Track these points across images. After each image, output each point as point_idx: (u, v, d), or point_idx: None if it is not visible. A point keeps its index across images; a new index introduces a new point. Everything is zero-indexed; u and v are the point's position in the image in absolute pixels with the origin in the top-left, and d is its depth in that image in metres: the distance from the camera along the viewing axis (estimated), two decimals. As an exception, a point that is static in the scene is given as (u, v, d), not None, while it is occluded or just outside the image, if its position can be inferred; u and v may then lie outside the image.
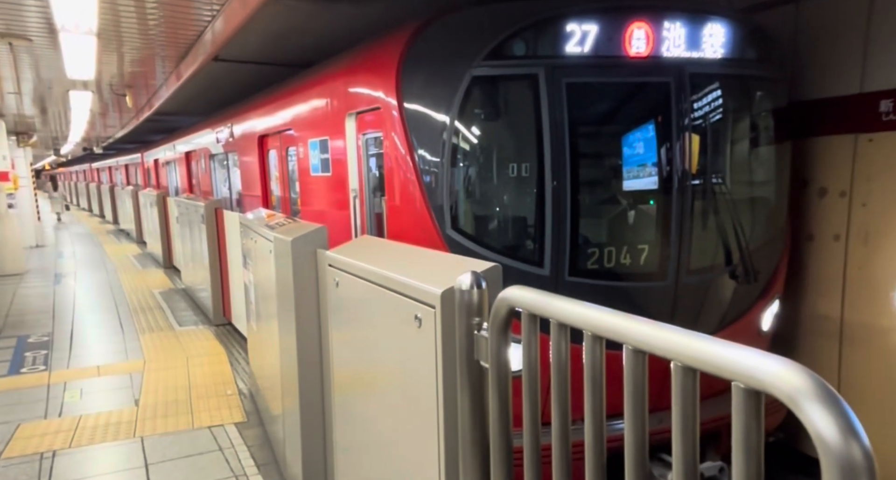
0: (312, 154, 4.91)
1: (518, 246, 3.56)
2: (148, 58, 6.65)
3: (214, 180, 9.23)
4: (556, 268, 3.38)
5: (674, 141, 3.50)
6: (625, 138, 3.55)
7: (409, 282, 2.15)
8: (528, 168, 3.41)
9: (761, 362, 0.92)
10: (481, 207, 3.63)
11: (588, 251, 3.47)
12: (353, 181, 4.29)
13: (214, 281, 8.12)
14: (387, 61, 3.67)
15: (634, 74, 3.50)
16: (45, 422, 4.93)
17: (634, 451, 1.23)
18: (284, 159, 5.88)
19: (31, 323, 8.27)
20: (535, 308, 1.50)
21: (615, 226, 3.63)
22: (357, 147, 4.23)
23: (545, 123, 3.33)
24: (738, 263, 3.76)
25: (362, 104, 4.00)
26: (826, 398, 0.83)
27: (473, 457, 1.82)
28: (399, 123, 3.50)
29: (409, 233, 3.50)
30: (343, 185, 4.39)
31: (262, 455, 4.29)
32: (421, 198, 3.42)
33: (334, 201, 4.61)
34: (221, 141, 8.21)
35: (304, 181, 5.27)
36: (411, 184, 3.46)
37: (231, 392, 5.54)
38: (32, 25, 5.31)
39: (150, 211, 13.68)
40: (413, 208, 3.47)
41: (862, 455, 0.79)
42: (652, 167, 3.53)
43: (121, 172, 21.53)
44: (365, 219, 4.23)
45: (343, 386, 3.00)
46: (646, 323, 1.18)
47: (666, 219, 3.55)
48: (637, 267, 3.54)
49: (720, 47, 3.58)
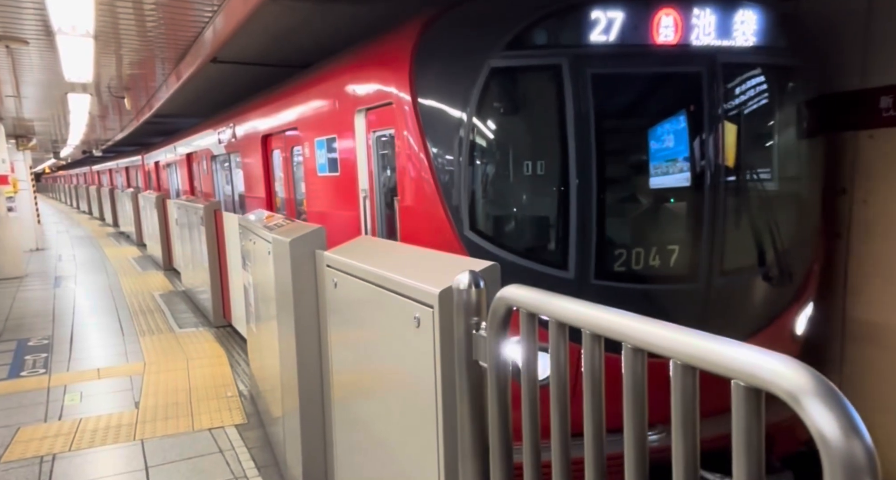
0: (319, 153, 4.73)
1: (540, 247, 3.36)
2: (146, 60, 6.64)
3: (216, 182, 9.05)
4: (581, 271, 3.19)
5: (706, 135, 3.31)
6: (654, 132, 3.35)
7: (407, 282, 2.14)
8: (550, 165, 3.23)
9: (761, 359, 0.91)
10: (501, 207, 3.43)
11: (615, 252, 3.27)
12: (363, 181, 4.10)
13: (214, 283, 8.12)
14: (398, 54, 3.48)
15: (663, 64, 3.30)
16: (45, 425, 4.92)
17: (635, 454, 1.21)
18: (289, 159, 5.70)
19: (30, 326, 8.27)
20: (534, 307, 1.49)
21: (643, 225, 3.42)
22: (367, 145, 4.03)
23: (569, 117, 3.13)
24: (773, 264, 3.56)
25: (372, 100, 3.81)
26: (827, 395, 0.82)
27: (473, 457, 1.81)
28: (412, 119, 3.30)
29: (424, 234, 3.34)
30: (352, 185, 4.21)
31: (262, 456, 4.28)
32: (436, 198, 3.23)
33: (343, 202, 4.43)
34: (223, 142, 8.03)
35: (310, 182, 5.07)
36: (426, 184, 3.29)
37: (231, 394, 5.53)
38: (29, 28, 5.30)
39: (150, 213, 13.68)
40: (428, 208, 3.30)
41: (864, 454, 0.78)
42: (683, 162, 3.34)
43: (121, 175, 21.40)
44: (376, 220, 4.04)
45: (343, 387, 2.99)
46: (644, 321, 1.16)
47: (697, 218, 3.35)
48: (666, 268, 3.33)
49: (752, 35, 3.37)
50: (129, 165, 18.90)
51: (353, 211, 4.26)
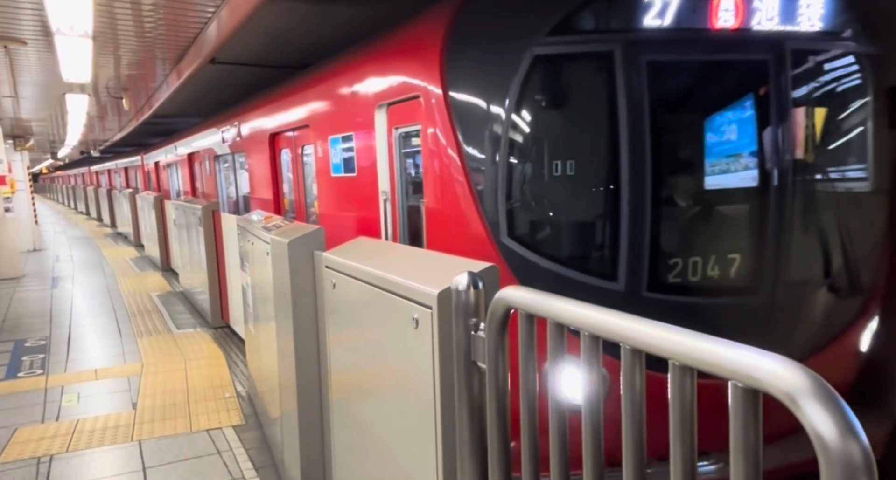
0: (333, 152, 4.41)
1: (586, 256, 3.06)
2: (144, 60, 6.64)
3: (220, 183, 8.69)
4: (633, 282, 2.88)
5: (772, 131, 2.99)
6: (716, 128, 3.03)
7: (405, 283, 2.14)
8: (599, 164, 2.94)
9: (759, 360, 0.91)
10: (542, 211, 3.08)
11: (670, 262, 2.93)
12: (384, 182, 3.78)
13: (212, 284, 8.11)
14: (427, 42, 3.17)
15: (725, 51, 2.99)
16: (43, 426, 4.91)
17: (633, 457, 1.22)
18: (299, 159, 5.38)
19: (28, 327, 8.25)
20: (532, 307, 1.49)
21: (702, 231, 3.09)
22: (388, 143, 3.71)
23: (621, 110, 2.81)
24: (841, 274, 3.23)
25: (395, 94, 3.49)
26: (824, 397, 0.83)
27: (471, 458, 1.81)
28: (443, 114, 2.99)
29: (455, 240, 3.04)
30: (371, 187, 3.89)
31: (260, 457, 4.27)
32: (470, 201, 2.92)
33: (360, 204, 4.10)
34: (227, 141, 7.69)
35: (322, 183, 4.73)
36: (458, 185, 2.97)
37: (229, 394, 5.52)
38: (27, 28, 5.30)
39: (148, 214, 13.66)
40: (460, 212, 2.99)
41: (861, 455, 0.79)
42: (748, 160, 3.02)
43: (120, 175, 21.25)
44: (397, 224, 3.72)
45: (341, 388, 2.99)
46: (642, 322, 1.17)
47: (762, 222, 3.02)
48: (726, 280, 3.01)
49: (819, 20, 3.03)
50: (129, 166, 18.77)
51: (371, 214, 3.95)
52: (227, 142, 7.73)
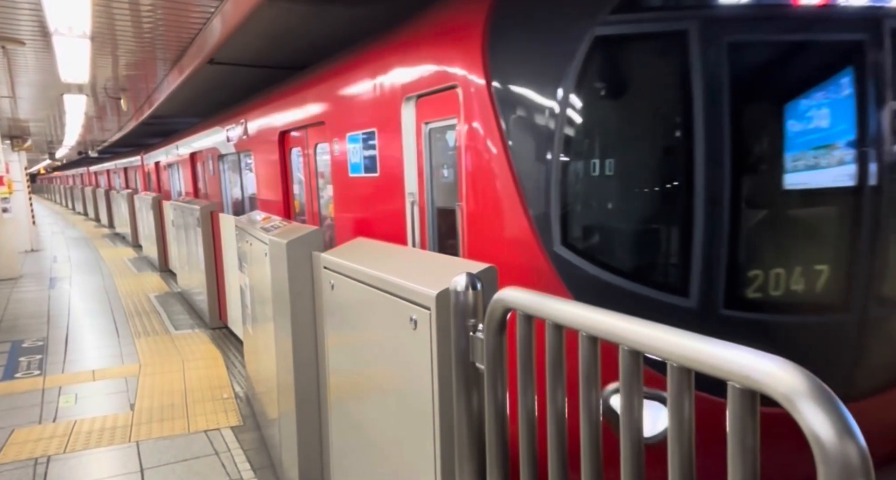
0: (352, 150, 4.07)
1: (653, 267, 2.69)
2: (142, 61, 6.63)
3: (224, 184, 8.29)
4: (707, 298, 2.51)
5: (871, 123, 2.60)
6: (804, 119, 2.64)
7: (403, 284, 2.14)
8: (669, 161, 2.60)
9: (756, 361, 0.92)
10: (602, 215, 2.72)
11: (749, 274, 2.57)
12: (411, 183, 3.44)
13: (210, 285, 8.11)
14: (467, 24, 2.84)
15: (814, 30, 2.61)
16: (40, 427, 4.90)
17: (631, 458, 1.22)
18: (312, 158, 5.06)
19: (25, 327, 8.24)
20: (531, 309, 1.49)
21: (787, 238, 2.69)
22: (417, 139, 3.38)
23: (697, 100, 2.45)
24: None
25: (427, 85, 3.15)
26: (822, 397, 0.83)
27: (469, 459, 1.81)
28: (486, 106, 2.66)
29: (498, 248, 2.71)
30: (396, 188, 3.56)
31: (258, 458, 4.27)
32: (517, 204, 2.58)
33: (382, 208, 3.75)
34: (233, 139, 7.31)
35: (339, 183, 4.36)
36: (502, 186, 2.63)
37: (227, 395, 5.51)
38: (25, 28, 5.30)
39: (146, 214, 13.64)
40: (504, 217, 2.66)
41: (858, 456, 0.79)
42: (844, 155, 2.65)
43: (119, 176, 21.09)
44: (426, 229, 3.39)
45: (339, 388, 2.99)
46: (640, 323, 1.17)
47: (856, 229, 2.64)
48: (812, 295, 2.64)
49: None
50: (128, 166, 18.63)
51: (395, 218, 3.59)
52: (233, 141, 7.39)
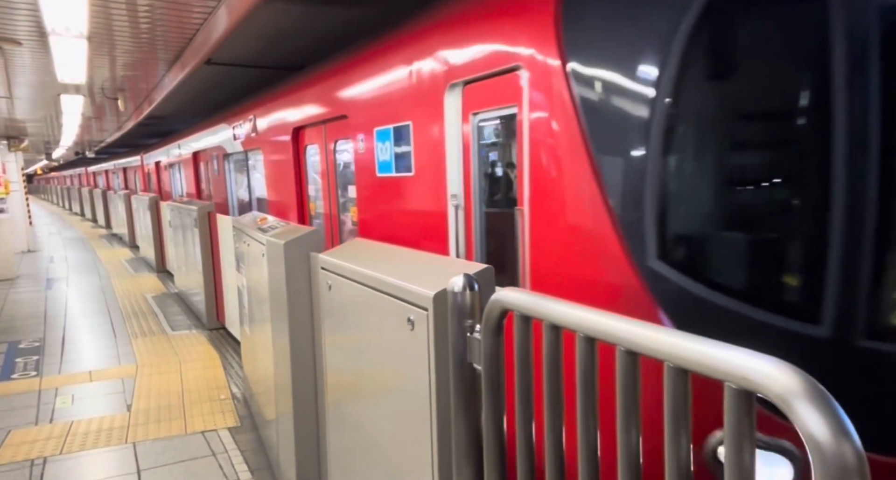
0: (381, 147, 3.68)
1: (774, 286, 2.20)
2: (140, 61, 6.62)
3: (230, 185, 7.84)
4: (843, 326, 2.03)
5: None
6: None
7: (401, 285, 2.14)
8: (801, 154, 2.11)
9: (752, 362, 0.92)
10: (711, 222, 2.24)
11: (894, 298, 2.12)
12: (455, 183, 3.05)
13: (208, 285, 8.10)
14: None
15: None
16: (36, 428, 4.89)
17: (627, 459, 1.22)
18: (331, 156, 4.63)
19: (21, 328, 8.21)
20: (528, 309, 1.49)
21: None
22: (463, 133, 2.97)
23: (837, 77, 1.95)
24: None
25: (478, 68, 2.75)
26: (817, 398, 0.83)
27: (467, 460, 1.81)
28: (561, 90, 2.25)
29: (572, 262, 2.28)
30: (434, 189, 3.16)
31: (255, 459, 4.26)
32: (600, 208, 2.14)
33: (417, 212, 3.34)
34: (240, 137, 6.85)
35: (363, 184, 3.94)
36: (581, 187, 2.21)
37: (224, 396, 5.50)
38: (22, 28, 5.28)
39: (143, 215, 13.62)
40: (582, 224, 2.24)
41: (854, 456, 0.79)
42: None
43: (118, 176, 20.90)
44: (472, 238, 2.97)
45: (337, 389, 2.99)
46: (637, 324, 1.17)
47: None
48: None
49: None
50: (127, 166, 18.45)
51: (433, 223, 3.19)
52: (240, 139, 6.92)
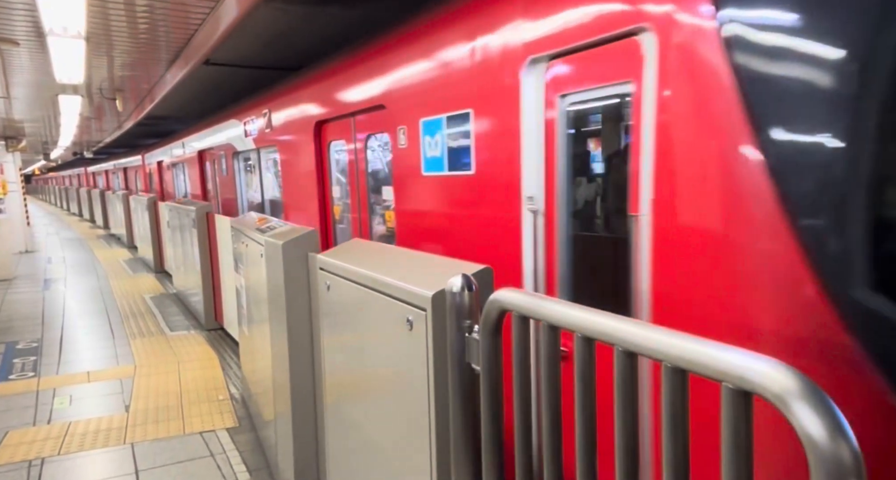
0: (429, 142, 3.20)
1: None
2: (138, 62, 6.62)
3: (239, 185, 7.35)
4: None
5: None
6: None
7: (399, 285, 2.14)
8: None
9: (750, 362, 0.92)
10: None
11: None
12: (532, 183, 2.50)
13: (206, 286, 8.09)
14: None
15: None
16: (34, 429, 4.88)
17: (624, 455, 1.22)
18: (362, 153, 4.15)
19: (19, 329, 8.20)
20: (526, 310, 1.50)
21: None
22: (545, 120, 2.43)
23: None
24: None
25: (574, 36, 2.24)
26: (814, 398, 0.83)
27: (465, 460, 1.81)
28: (713, 58, 1.74)
29: (731, 292, 1.74)
30: (504, 191, 2.64)
31: (254, 460, 4.26)
32: (776, 218, 1.63)
33: (478, 218, 2.83)
34: (252, 134, 6.34)
35: (403, 185, 3.50)
36: (747, 188, 1.69)
37: (223, 397, 5.50)
38: (20, 28, 5.28)
39: (142, 215, 13.61)
40: (749, 239, 1.70)
41: (850, 456, 0.79)
42: None
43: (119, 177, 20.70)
44: (555, 252, 2.43)
45: (335, 390, 2.99)
46: (635, 324, 1.18)
47: None
48: None
49: None
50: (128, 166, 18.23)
51: (500, 233, 2.70)
52: (252, 136, 6.40)
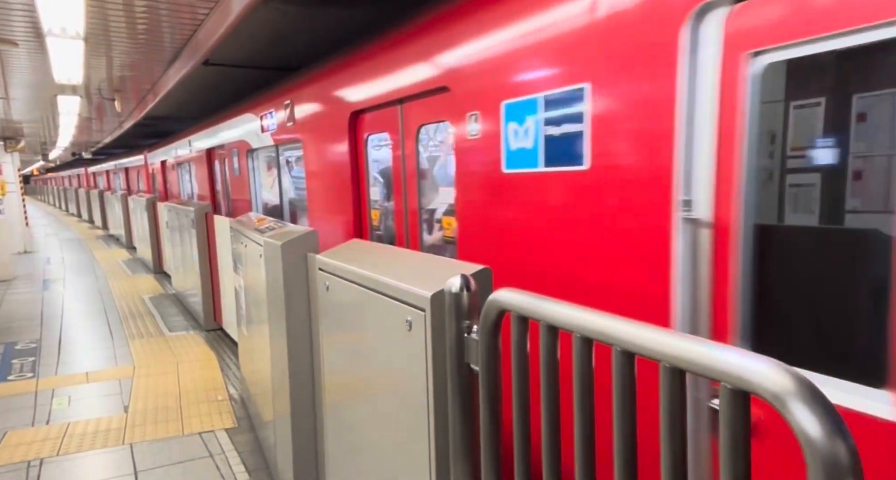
0: (515, 129, 2.53)
1: None
2: (137, 62, 6.62)
3: (254, 186, 6.49)
4: None
5: None
6: None
7: (398, 286, 2.14)
8: None
9: (747, 362, 0.92)
10: None
11: None
12: (692, 180, 1.85)
13: (205, 286, 8.08)
14: None
15: None
16: (33, 430, 4.88)
17: (622, 454, 1.23)
18: (412, 146, 3.47)
19: (18, 329, 8.19)
20: (525, 310, 1.50)
21: None
22: (720, 91, 1.75)
23: None
24: None
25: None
26: (811, 397, 0.84)
27: (464, 460, 1.81)
28: None
29: None
30: (640, 193, 2.01)
31: (253, 460, 4.26)
32: None
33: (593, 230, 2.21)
34: (270, 129, 5.61)
35: (469, 186, 2.89)
36: None
37: (222, 397, 5.50)
38: (19, 29, 5.28)
39: (140, 216, 13.59)
40: None
41: (847, 455, 0.80)
42: None
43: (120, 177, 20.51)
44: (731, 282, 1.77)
45: (334, 390, 2.99)
46: (633, 324, 1.18)
47: None
48: None
49: None
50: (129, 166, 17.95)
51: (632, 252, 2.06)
52: (270, 131, 5.68)
